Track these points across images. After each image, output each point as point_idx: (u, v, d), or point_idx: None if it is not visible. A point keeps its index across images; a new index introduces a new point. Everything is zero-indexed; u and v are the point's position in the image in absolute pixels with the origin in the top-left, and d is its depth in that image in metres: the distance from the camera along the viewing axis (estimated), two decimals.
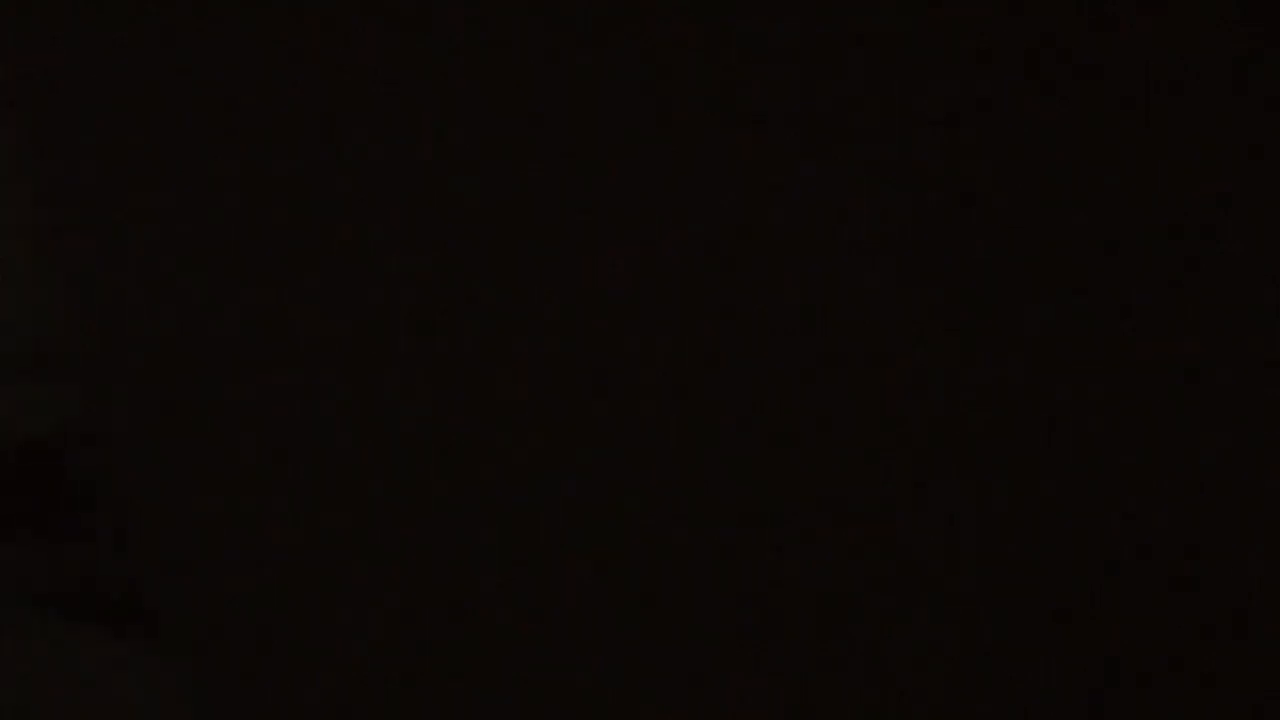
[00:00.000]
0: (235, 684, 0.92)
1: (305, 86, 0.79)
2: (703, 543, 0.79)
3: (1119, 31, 0.71)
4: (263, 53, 0.79)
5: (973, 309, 0.75)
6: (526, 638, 0.81)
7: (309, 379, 0.83)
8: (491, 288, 0.79)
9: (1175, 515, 0.76)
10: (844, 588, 0.81)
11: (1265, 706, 0.75)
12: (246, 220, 0.81)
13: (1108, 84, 0.71)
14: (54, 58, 0.82)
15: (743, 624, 0.80)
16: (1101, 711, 0.79)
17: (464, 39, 0.76)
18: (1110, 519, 0.77)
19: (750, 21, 0.75)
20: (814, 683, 0.81)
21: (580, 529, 0.80)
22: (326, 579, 0.86)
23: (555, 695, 0.82)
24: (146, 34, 0.80)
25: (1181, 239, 0.72)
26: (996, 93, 0.74)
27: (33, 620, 1.09)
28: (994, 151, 0.74)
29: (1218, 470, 0.74)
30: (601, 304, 0.78)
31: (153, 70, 0.80)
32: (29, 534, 1.22)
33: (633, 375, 0.78)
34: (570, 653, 0.81)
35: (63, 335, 1.10)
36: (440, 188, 0.78)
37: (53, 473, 1.24)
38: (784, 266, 0.77)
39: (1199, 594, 0.76)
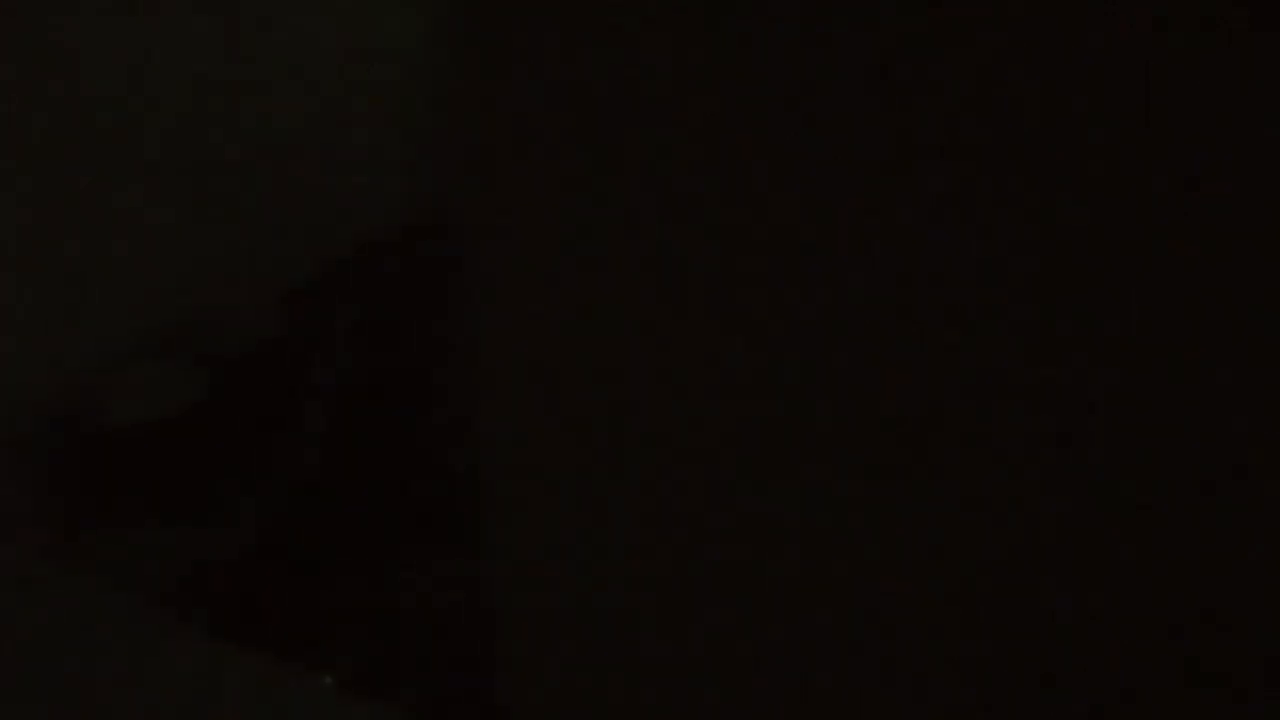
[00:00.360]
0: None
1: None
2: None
3: (1119, 31, 0.71)
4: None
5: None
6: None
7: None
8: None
9: (1175, 514, 0.76)
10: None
11: (1266, 708, 0.75)
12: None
13: (1108, 84, 0.71)
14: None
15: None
16: (1102, 713, 0.79)
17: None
18: (1110, 519, 0.77)
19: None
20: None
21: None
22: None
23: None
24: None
25: (1181, 238, 0.72)
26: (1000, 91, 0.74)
27: (140, 612, 1.08)
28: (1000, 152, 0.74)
29: (1218, 470, 0.74)
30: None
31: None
32: (154, 518, 1.21)
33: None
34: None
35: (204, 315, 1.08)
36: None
37: (179, 454, 1.23)
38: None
39: (1200, 594, 0.76)
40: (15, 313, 1.23)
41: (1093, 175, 0.73)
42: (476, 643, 1.16)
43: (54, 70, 1.23)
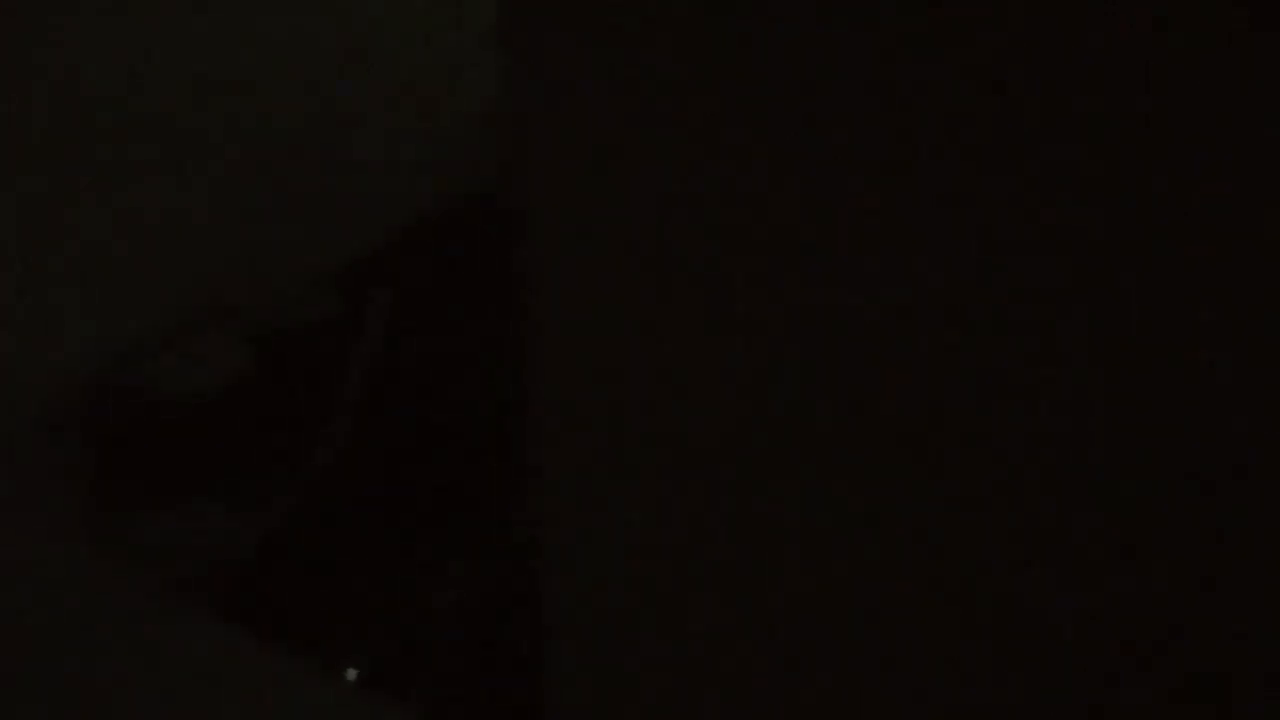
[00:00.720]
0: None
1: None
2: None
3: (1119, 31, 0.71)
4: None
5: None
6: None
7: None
8: None
9: (1175, 514, 0.76)
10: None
11: (1266, 709, 0.75)
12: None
13: (1108, 84, 0.71)
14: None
15: None
16: (1101, 713, 0.79)
17: None
18: (1110, 519, 0.77)
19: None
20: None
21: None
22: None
23: None
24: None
25: (1181, 238, 0.72)
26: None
27: (172, 605, 1.07)
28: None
29: (1218, 470, 0.74)
30: None
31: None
32: (180, 501, 1.19)
33: None
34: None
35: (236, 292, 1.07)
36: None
37: (209, 436, 1.22)
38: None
39: (1200, 595, 0.76)
40: (15, 311, 1.23)
41: (1093, 175, 0.73)
42: (490, 643, 1.16)
43: (54, 70, 1.23)
